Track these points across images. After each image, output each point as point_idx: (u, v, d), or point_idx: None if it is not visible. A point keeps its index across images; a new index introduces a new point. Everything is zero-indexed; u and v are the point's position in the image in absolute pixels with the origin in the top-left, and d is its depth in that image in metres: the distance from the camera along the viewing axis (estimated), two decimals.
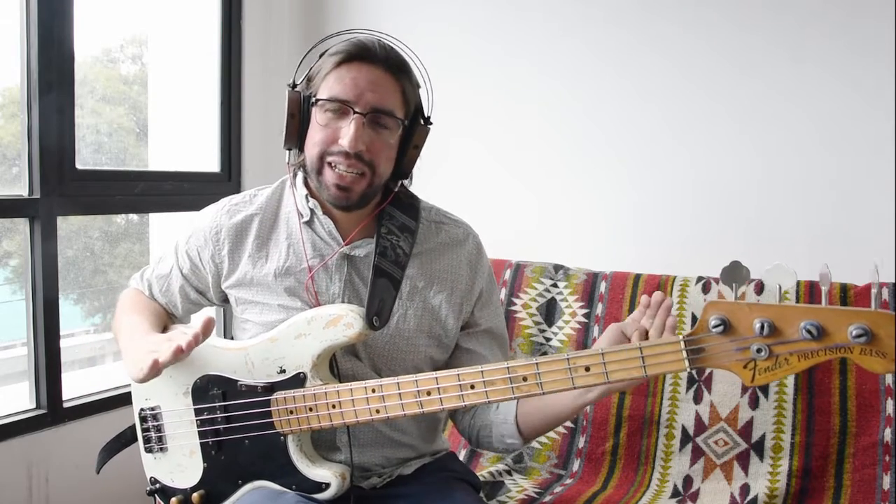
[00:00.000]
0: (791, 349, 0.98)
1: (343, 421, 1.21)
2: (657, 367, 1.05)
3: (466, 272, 1.37)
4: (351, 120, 1.21)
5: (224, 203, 1.40)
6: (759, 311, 0.99)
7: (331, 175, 1.25)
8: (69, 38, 1.94)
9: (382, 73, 1.23)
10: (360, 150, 1.22)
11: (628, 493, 1.71)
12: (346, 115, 1.22)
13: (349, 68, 1.22)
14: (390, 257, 1.29)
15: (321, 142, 1.24)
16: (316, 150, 1.25)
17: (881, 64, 1.85)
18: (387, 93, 1.24)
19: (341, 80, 1.22)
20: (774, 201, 2.01)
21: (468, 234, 1.41)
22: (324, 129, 1.24)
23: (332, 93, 1.22)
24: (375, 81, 1.23)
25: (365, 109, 1.22)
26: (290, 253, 1.32)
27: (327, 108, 1.23)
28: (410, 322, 1.31)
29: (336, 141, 1.23)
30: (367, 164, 1.24)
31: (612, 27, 2.18)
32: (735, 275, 1.01)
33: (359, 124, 1.21)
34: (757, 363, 1.00)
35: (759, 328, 0.98)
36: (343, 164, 1.23)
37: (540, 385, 1.10)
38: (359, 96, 1.22)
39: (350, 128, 1.21)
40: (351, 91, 1.22)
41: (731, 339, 1.01)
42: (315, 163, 1.26)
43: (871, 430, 1.59)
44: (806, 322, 0.96)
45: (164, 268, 1.45)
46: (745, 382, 1.02)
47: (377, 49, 1.24)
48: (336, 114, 1.23)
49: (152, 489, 1.40)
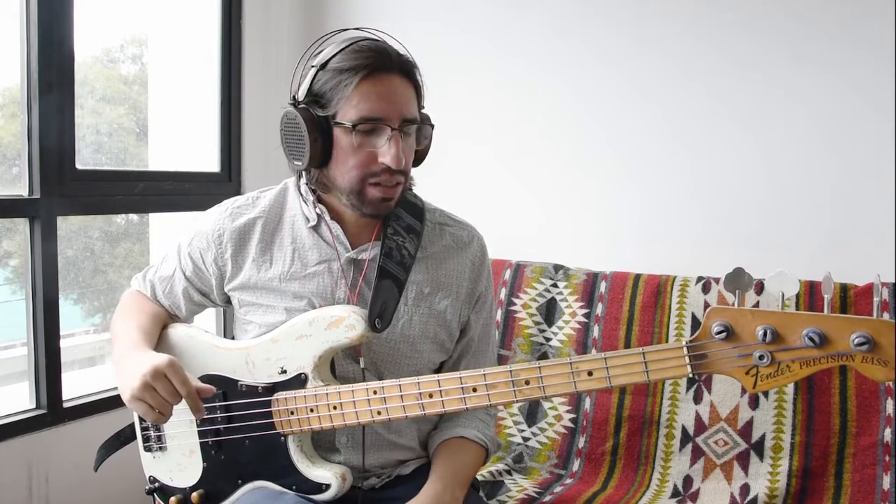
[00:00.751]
0: (793, 356, 0.99)
1: (344, 422, 1.21)
2: (660, 373, 1.06)
3: (469, 275, 1.37)
4: (389, 137, 1.19)
5: (227, 205, 1.38)
6: (762, 318, 1.00)
7: (375, 191, 1.23)
8: (69, 38, 1.94)
9: (401, 80, 1.21)
10: (404, 163, 1.21)
11: (628, 493, 1.71)
12: (381, 131, 1.20)
13: (373, 82, 1.18)
14: (395, 258, 1.28)
15: (360, 164, 1.21)
16: (355, 173, 1.22)
17: (881, 64, 1.85)
18: (409, 100, 1.22)
19: (368, 98, 1.18)
20: (774, 201, 2.01)
21: (473, 236, 1.40)
22: (358, 150, 1.20)
23: (362, 113, 1.18)
24: (398, 91, 1.20)
25: (398, 123, 1.20)
26: (294, 258, 1.31)
27: (361, 129, 1.19)
28: (416, 328, 1.31)
29: (375, 160, 1.20)
30: (403, 174, 1.24)
31: (612, 27, 2.18)
32: (738, 281, 1.02)
33: (398, 140, 1.19)
34: (759, 370, 1.01)
35: (762, 335, 0.99)
36: (387, 181, 1.22)
37: (542, 388, 1.11)
38: (390, 111, 1.19)
39: (391, 146, 1.18)
40: (383, 107, 1.18)
41: (734, 345, 1.02)
42: (355, 185, 1.23)
43: (871, 430, 1.60)
44: (808, 329, 0.97)
45: (166, 269, 1.44)
46: (748, 389, 1.02)
47: (392, 55, 1.21)
48: (367, 133, 1.20)
49: (151, 488, 1.41)
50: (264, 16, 2.53)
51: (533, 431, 1.88)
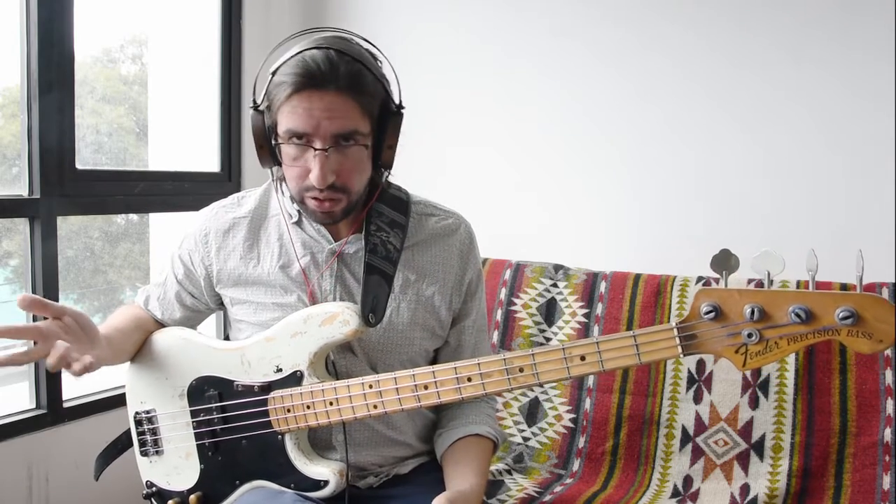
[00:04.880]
0: (781, 333, 1.02)
1: (341, 418, 1.21)
2: (651, 355, 1.07)
3: (457, 262, 1.36)
4: (315, 155, 1.17)
5: (213, 206, 1.41)
6: (749, 296, 1.03)
7: (312, 204, 1.23)
8: (69, 38, 1.94)
9: (335, 96, 1.15)
10: (330, 181, 1.19)
11: (628, 493, 1.71)
12: (306, 149, 1.18)
13: (300, 98, 1.15)
14: (381, 253, 1.28)
15: (295, 178, 1.21)
16: (293, 184, 1.23)
17: (882, 64, 1.85)
18: (345, 114, 1.17)
19: (294, 113, 1.16)
20: (774, 201, 2.00)
21: (460, 223, 1.40)
22: (294, 163, 1.20)
23: (288, 126, 1.17)
24: (329, 108, 1.15)
25: (325, 141, 1.16)
26: (281, 252, 1.33)
27: (290, 142, 1.18)
28: (404, 315, 1.31)
29: (307, 176, 1.19)
30: (341, 190, 1.21)
31: (613, 27, 2.18)
32: (724, 263, 1.05)
33: (322, 160, 1.16)
34: (748, 348, 1.04)
35: (750, 313, 1.02)
36: (319, 196, 1.20)
37: (536, 375, 1.12)
38: (316, 127, 1.16)
39: (315, 164, 1.17)
40: (307, 123, 1.16)
41: (723, 324, 1.04)
42: (296, 195, 1.24)
43: (871, 430, 1.59)
44: (794, 306, 1.00)
45: (161, 277, 1.46)
46: (737, 367, 1.05)
47: (325, 70, 1.15)
48: (299, 147, 1.18)
49: (148, 493, 1.40)
50: (264, 16, 2.53)
51: (533, 431, 1.88)
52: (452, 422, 1.37)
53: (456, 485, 1.23)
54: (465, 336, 1.39)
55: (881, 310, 0.97)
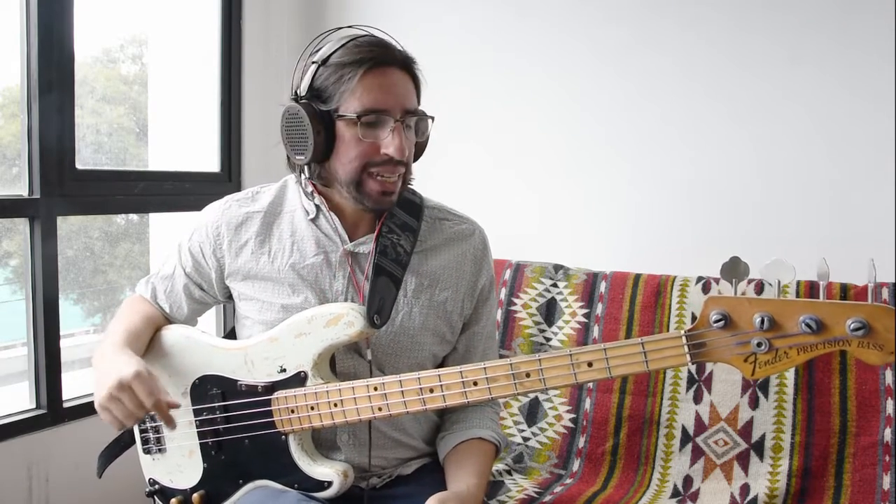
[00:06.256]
0: (790, 343, 1.00)
1: (345, 419, 1.21)
2: (659, 362, 1.06)
3: (471, 267, 1.37)
4: (392, 128, 1.21)
5: (226, 199, 1.40)
6: (759, 305, 1.01)
7: (374, 184, 1.25)
8: (69, 38, 1.94)
9: (401, 74, 1.24)
10: (407, 154, 1.25)
11: (628, 493, 1.71)
12: (383, 123, 1.22)
13: (375, 75, 1.21)
14: (390, 256, 1.29)
15: (361, 155, 1.23)
16: (355, 164, 1.24)
17: (881, 64, 1.85)
18: (410, 92, 1.25)
19: (371, 90, 1.21)
20: (774, 201, 2.01)
21: (474, 229, 1.41)
22: (362, 141, 1.22)
23: (366, 104, 1.20)
24: (400, 83, 1.23)
25: (400, 115, 1.22)
26: (293, 249, 1.32)
27: (365, 120, 1.21)
28: (416, 320, 1.31)
29: (378, 151, 1.22)
30: (404, 165, 1.26)
31: (612, 26, 2.18)
32: (734, 270, 1.04)
33: (400, 131, 1.22)
34: (757, 357, 1.02)
35: (760, 322, 1.00)
36: (388, 172, 1.24)
37: (543, 381, 1.11)
38: (393, 102, 1.22)
39: (394, 136, 1.21)
40: (386, 99, 1.21)
41: (732, 333, 1.03)
42: (354, 176, 1.25)
43: (871, 430, 1.59)
44: (805, 316, 0.98)
45: (167, 269, 1.45)
46: (746, 376, 1.03)
47: (392, 49, 1.25)
48: (368, 126, 1.22)
49: (151, 490, 1.40)
50: (264, 16, 2.53)
51: (533, 431, 1.88)
52: (456, 425, 1.38)
53: (454, 486, 1.24)
54: (474, 342, 1.39)
55: (892, 321, 0.95)
